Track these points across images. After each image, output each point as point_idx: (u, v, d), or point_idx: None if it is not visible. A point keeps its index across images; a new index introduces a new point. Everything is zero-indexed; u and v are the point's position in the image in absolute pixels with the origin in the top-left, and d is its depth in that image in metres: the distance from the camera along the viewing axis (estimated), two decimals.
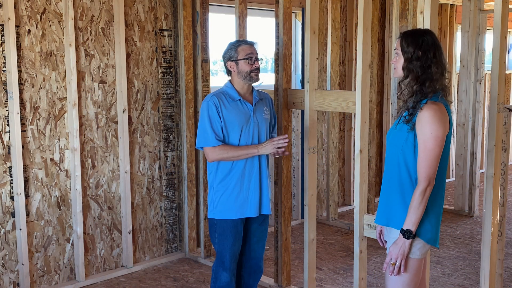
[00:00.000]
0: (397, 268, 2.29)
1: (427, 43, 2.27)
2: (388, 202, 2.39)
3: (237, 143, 2.95)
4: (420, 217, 2.23)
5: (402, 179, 2.32)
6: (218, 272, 3.03)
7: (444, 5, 6.84)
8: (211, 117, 2.90)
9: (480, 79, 5.65)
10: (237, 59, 2.97)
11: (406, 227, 2.25)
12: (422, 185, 2.21)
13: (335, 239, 4.98)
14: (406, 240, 2.25)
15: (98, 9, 3.88)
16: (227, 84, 3.05)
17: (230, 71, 3.03)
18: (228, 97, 2.97)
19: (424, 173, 2.21)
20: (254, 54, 2.99)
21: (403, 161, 2.30)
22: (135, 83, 4.14)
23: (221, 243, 3.00)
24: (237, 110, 2.96)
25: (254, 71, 2.97)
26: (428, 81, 2.26)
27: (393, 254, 2.28)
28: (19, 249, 3.60)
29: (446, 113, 2.25)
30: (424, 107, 2.22)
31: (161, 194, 4.38)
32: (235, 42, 3.05)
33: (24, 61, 3.57)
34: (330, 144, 5.44)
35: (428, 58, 2.26)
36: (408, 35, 2.33)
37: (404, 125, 2.30)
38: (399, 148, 2.32)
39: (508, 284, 3.93)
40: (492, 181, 3.35)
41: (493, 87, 3.30)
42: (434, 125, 2.19)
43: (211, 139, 2.90)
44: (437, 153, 2.21)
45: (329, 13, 5.27)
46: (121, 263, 4.18)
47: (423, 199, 2.21)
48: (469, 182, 5.78)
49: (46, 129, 3.71)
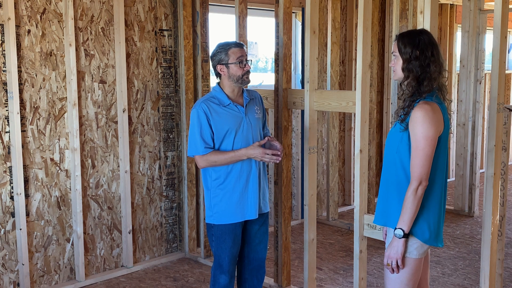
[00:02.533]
0: (394, 268, 2.30)
1: (424, 42, 2.28)
2: (385, 202, 2.40)
3: (231, 147, 2.91)
4: (413, 216, 2.24)
5: (398, 179, 2.32)
6: (217, 275, 3.00)
7: (444, 5, 6.84)
8: (200, 125, 2.86)
9: (480, 79, 5.65)
10: (228, 62, 2.90)
11: (398, 226, 2.26)
12: (413, 184, 2.22)
13: (335, 239, 4.98)
14: (399, 240, 2.26)
15: (98, 9, 3.88)
16: (215, 88, 2.98)
17: (220, 74, 2.96)
18: (218, 102, 2.92)
19: (415, 173, 2.21)
20: (244, 56, 2.93)
21: (399, 161, 2.31)
22: (135, 83, 4.14)
23: (219, 246, 2.97)
24: (228, 115, 2.91)
25: (246, 74, 2.92)
26: (427, 80, 2.26)
27: (388, 255, 2.30)
28: (19, 249, 3.60)
29: (440, 112, 2.25)
30: (416, 107, 2.23)
31: (161, 194, 4.38)
32: (225, 45, 2.95)
33: (24, 61, 3.57)
34: (330, 144, 5.44)
35: (427, 57, 2.27)
36: (404, 36, 2.33)
37: (398, 125, 2.31)
38: (395, 148, 2.33)
39: (508, 284, 3.93)
40: (492, 181, 3.35)
41: (493, 87, 3.30)
42: (425, 125, 2.19)
43: (200, 148, 2.87)
44: (428, 152, 2.21)
45: (329, 13, 5.27)
46: (121, 263, 4.18)
47: (414, 198, 2.22)
48: (469, 182, 5.78)
49: (46, 129, 3.71)
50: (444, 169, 2.33)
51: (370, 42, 2.98)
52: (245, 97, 3.00)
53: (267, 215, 3.12)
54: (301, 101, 3.53)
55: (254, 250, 3.10)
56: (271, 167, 4.96)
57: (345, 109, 3.18)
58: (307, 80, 3.36)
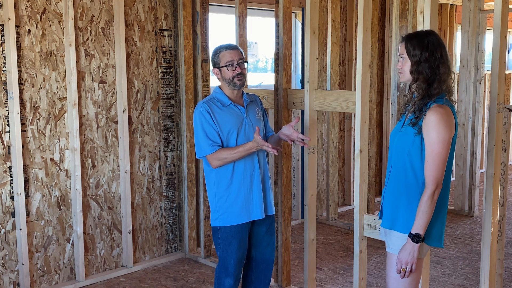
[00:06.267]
0: (407, 273, 2.27)
1: (433, 44, 2.25)
2: (393, 205, 2.37)
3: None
4: (428, 221, 2.22)
5: (408, 182, 2.30)
6: (222, 278, 2.99)
7: (444, 5, 6.84)
8: (205, 124, 2.88)
9: (480, 79, 5.65)
10: (220, 65, 2.94)
11: (414, 231, 2.23)
12: (430, 189, 2.20)
13: (335, 239, 4.98)
14: (415, 244, 2.23)
15: (98, 9, 3.88)
16: (216, 90, 3.01)
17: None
18: (219, 102, 2.94)
19: (432, 177, 2.19)
20: (235, 59, 2.92)
21: (410, 164, 2.29)
22: (135, 83, 4.14)
23: (225, 249, 2.96)
24: (230, 114, 2.93)
25: (236, 77, 2.92)
26: (436, 82, 2.24)
27: (403, 259, 2.26)
28: (19, 249, 3.60)
29: (452, 116, 2.23)
30: (430, 111, 2.20)
31: (161, 194, 4.38)
32: (218, 48, 2.98)
33: (24, 61, 3.58)
34: (330, 144, 5.44)
35: (436, 59, 2.24)
36: (412, 37, 2.30)
37: (410, 128, 2.28)
38: (405, 151, 2.30)
39: (508, 284, 3.93)
40: (492, 181, 3.35)
41: (493, 87, 3.30)
42: (441, 129, 2.17)
43: (208, 148, 2.87)
44: (444, 156, 2.20)
45: (329, 13, 5.27)
46: (121, 263, 4.18)
47: (431, 202, 2.20)
48: (469, 182, 5.79)
49: (46, 129, 3.71)
50: (450, 171, 2.32)
51: (370, 42, 2.98)
52: (245, 98, 3.03)
53: (273, 217, 3.12)
54: (301, 101, 3.53)
55: (262, 252, 3.10)
56: (271, 167, 4.96)
57: (345, 109, 3.18)
58: (307, 80, 3.37)
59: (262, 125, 3.07)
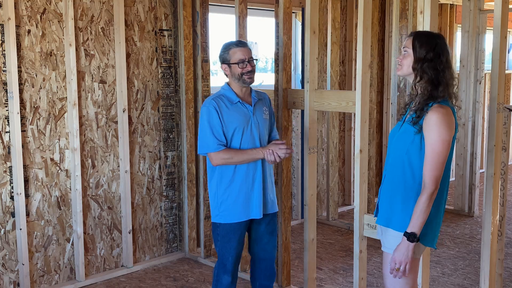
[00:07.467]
0: (401, 272, 2.27)
1: (441, 47, 2.27)
2: (389, 203, 2.38)
3: (239, 145, 2.93)
4: (425, 220, 2.22)
5: (405, 180, 2.30)
6: (220, 274, 3.00)
7: (444, 5, 6.84)
8: (212, 122, 2.88)
9: (480, 79, 5.65)
10: (229, 62, 2.94)
11: (410, 230, 2.23)
12: (429, 189, 2.19)
13: (335, 239, 4.98)
14: (410, 243, 2.23)
15: (98, 9, 3.88)
16: (224, 86, 3.01)
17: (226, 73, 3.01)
18: (226, 100, 2.94)
19: (432, 177, 2.19)
20: (246, 57, 2.93)
21: (408, 163, 2.29)
22: (135, 83, 4.14)
23: (223, 245, 2.97)
24: (237, 112, 2.93)
25: (246, 74, 2.93)
26: (442, 85, 2.25)
27: (397, 259, 2.26)
28: (19, 249, 3.60)
29: (453, 116, 2.24)
30: (432, 110, 2.20)
31: (161, 194, 4.38)
32: (228, 44, 2.99)
33: (24, 61, 3.58)
34: (330, 144, 5.44)
35: (442, 62, 2.25)
36: (422, 35, 2.31)
37: (410, 126, 2.28)
38: (404, 150, 2.30)
39: (508, 284, 3.93)
40: (492, 181, 3.35)
41: (493, 87, 3.30)
42: (442, 129, 2.18)
43: (212, 145, 2.87)
44: (444, 156, 2.20)
45: (329, 13, 5.27)
46: (121, 263, 4.18)
47: (430, 202, 2.20)
48: (469, 182, 5.79)
49: (46, 129, 3.71)
50: (448, 171, 2.32)
51: (370, 42, 2.98)
52: (253, 96, 3.02)
53: (274, 215, 3.12)
54: (301, 101, 3.53)
55: (264, 249, 3.11)
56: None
57: (345, 109, 3.18)
58: (307, 80, 3.37)
59: (267, 126, 3.06)
